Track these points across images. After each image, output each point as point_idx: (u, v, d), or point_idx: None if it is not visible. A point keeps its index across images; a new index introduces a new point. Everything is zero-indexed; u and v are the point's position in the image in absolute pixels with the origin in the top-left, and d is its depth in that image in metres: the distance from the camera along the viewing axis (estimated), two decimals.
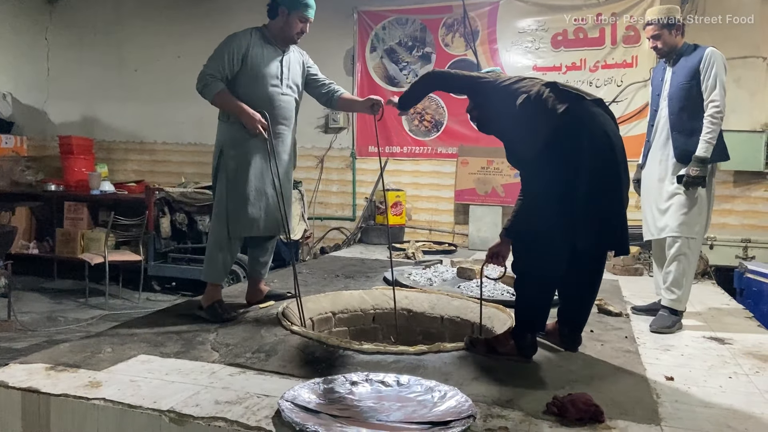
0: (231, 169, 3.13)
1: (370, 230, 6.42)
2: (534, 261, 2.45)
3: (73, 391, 2.11)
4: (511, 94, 2.52)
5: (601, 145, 2.39)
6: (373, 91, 6.83)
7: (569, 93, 2.44)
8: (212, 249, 3.20)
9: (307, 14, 3.19)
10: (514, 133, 2.53)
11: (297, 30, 3.22)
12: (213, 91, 3.11)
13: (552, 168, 2.39)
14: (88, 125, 8.02)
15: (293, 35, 3.23)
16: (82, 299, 6.17)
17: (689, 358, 2.73)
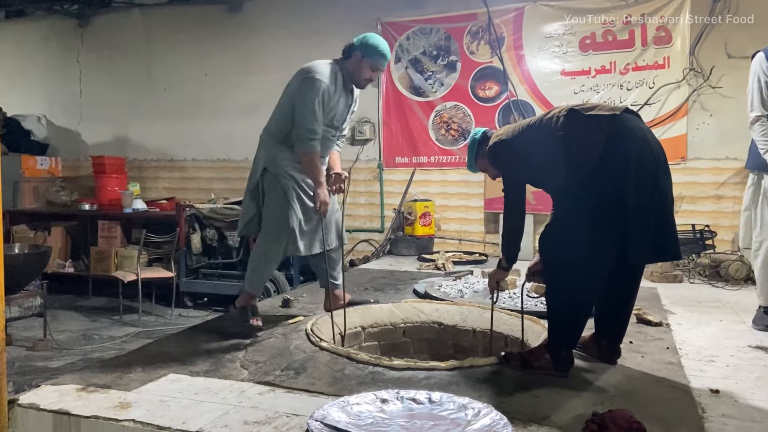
0: (289, 189, 3.15)
1: (399, 241, 6.36)
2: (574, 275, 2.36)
3: (104, 412, 2.11)
4: (546, 125, 2.50)
5: (644, 153, 2.31)
6: (398, 101, 6.81)
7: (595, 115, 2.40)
8: (260, 262, 3.22)
9: (380, 65, 3.23)
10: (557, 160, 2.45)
11: (366, 76, 3.25)
12: (310, 151, 3.12)
13: (599, 183, 2.33)
14: (119, 145, 8.18)
15: (361, 81, 3.27)
16: (116, 317, 6.25)
17: (735, 369, 2.60)
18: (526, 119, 2.71)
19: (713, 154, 5.79)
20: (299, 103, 3.08)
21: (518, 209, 2.67)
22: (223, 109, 7.65)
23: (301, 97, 3.07)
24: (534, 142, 2.54)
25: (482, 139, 2.85)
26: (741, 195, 5.69)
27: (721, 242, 5.52)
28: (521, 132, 2.61)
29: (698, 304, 3.96)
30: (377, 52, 3.17)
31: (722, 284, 4.63)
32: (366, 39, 3.19)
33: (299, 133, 3.10)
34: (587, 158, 2.33)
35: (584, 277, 2.36)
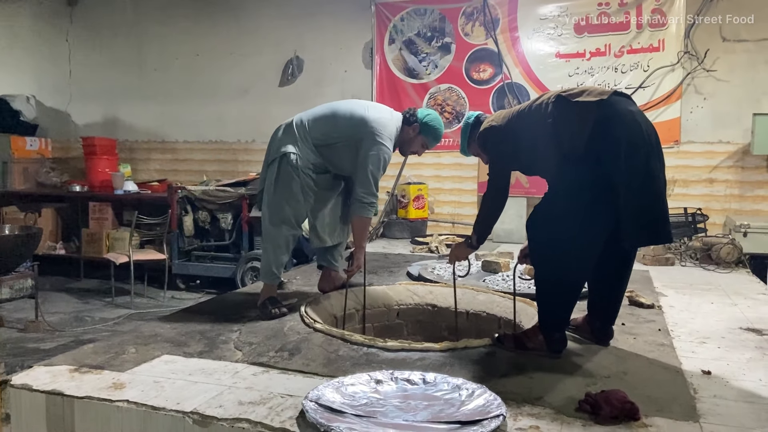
0: (307, 186, 3.13)
1: (392, 224, 6.36)
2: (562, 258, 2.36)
3: (97, 393, 2.09)
4: (535, 112, 2.50)
5: (633, 136, 2.29)
6: (392, 83, 6.77)
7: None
8: (274, 251, 3.17)
9: (430, 145, 3.33)
10: (549, 144, 2.43)
11: (413, 149, 3.33)
12: (368, 216, 3.19)
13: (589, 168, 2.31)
14: (110, 126, 8.10)
15: (407, 151, 3.34)
16: (109, 298, 6.23)
17: (726, 350, 2.62)
18: (517, 106, 2.68)
19: (706, 138, 5.80)
20: (365, 166, 3.07)
21: (501, 195, 2.70)
22: (215, 91, 7.58)
23: (372, 163, 3.06)
24: (523, 130, 2.54)
25: (475, 124, 2.83)
26: (733, 179, 5.76)
27: (713, 225, 5.56)
28: (511, 119, 2.60)
29: (690, 287, 3.98)
30: (435, 137, 3.29)
31: (713, 267, 4.66)
32: (431, 119, 3.25)
33: (361, 198, 3.10)
34: (576, 145, 2.32)
35: (572, 260, 2.35)
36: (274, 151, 3.17)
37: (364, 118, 3.09)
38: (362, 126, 3.08)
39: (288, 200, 3.10)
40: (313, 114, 3.21)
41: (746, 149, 5.67)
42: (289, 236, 3.16)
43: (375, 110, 3.17)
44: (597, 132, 2.28)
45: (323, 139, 3.14)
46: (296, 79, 7.23)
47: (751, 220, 5.24)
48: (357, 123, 3.09)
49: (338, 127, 3.13)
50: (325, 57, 7.08)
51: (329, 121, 3.16)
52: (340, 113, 3.16)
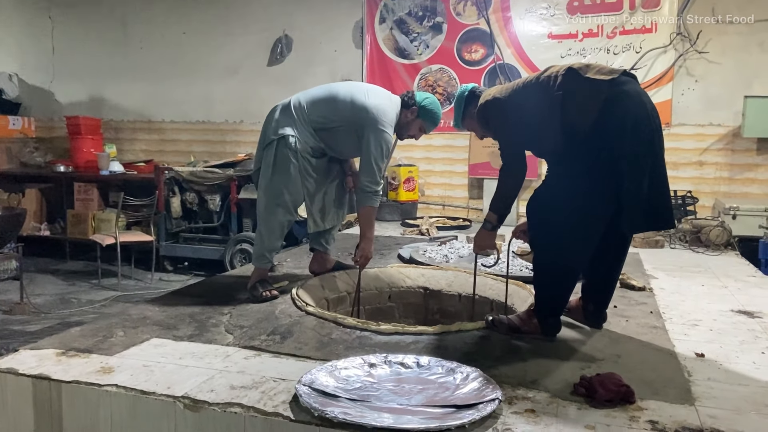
0: (305, 170, 3.07)
1: (382, 207, 6.30)
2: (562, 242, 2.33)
3: (85, 377, 2.05)
4: (543, 85, 2.40)
5: (640, 118, 2.25)
6: (383, 63, 6.68)
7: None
8: (269, 236, 3.12)
9: (428, 129, 3.29)
10: (555, 118, 2.35)
11: (411, 133, 3.27)
12: (374, 205, 3.11)
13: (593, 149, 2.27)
14: (95, 105, 7.94)
15: (404, 134, 3.29)
16: (95, 280, 6.16)
17: (719, 333, 2.63)
18: (521, 78, 2.59)
19: (697, 120, 5.80)
20: (368, 155, 3.02)
21: (515, 169, 2.54)
22: (202, 70, 7.45)
23: (375, 151, 3.01)
24: (529, 102, 2.44)
25: (470, 96, 2.73)
26: (723, 161, 5.77)
27: (702, 208, 5.58)
28: (515, 91, 2.50)
29: (680, 269, 3.99)
30: (434, 120, 3.24)
31: (703, 250, 4.68)
32: (429, 103, 3.20)
33: (365, 187, 3.04)
34: (581, 123, 2.27)
35: (572, 244, 2.32)
36: (272, 133, 3.09)
37: (366, 105, 3.02)
38: (363, 113, 3.01)
39: (286, 185, 3.04)
40: (311, 96, 3.13)
41: (737, 132, 5.67)
42: (285, 221, 3.10)
43: (375, 96, 3.09)
44: (605, 111, 2.23)
45: (322, 123, 3.07)
46: (285, 58, 7.12)
47: (740, 202, 5.26)
48: (358, 109, 3.02)
49: (338, 111, 3.06)
50: (314, 36, 6.97)
51: (329, 105, 3.09)
52: (341, 97, 3.08)
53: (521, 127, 2.48)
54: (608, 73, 2.30)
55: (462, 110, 2.77)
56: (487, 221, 2.67)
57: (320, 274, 3.40)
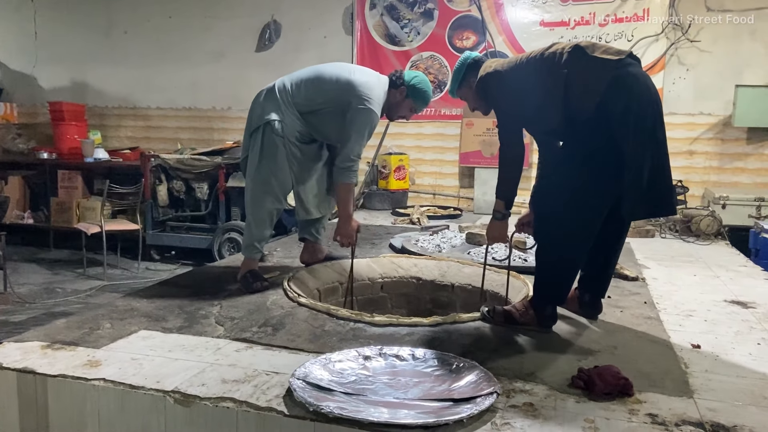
0: (293, 156, 3.00)
1: (373, 196, 6.26)
2: (564, 233, 2.29)
3: (71, 371, 2.00)
4: (548, 61, 2.33)
5: (644, 102, 2.21)
6: (373, 50, 6.60)
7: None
8: (257, 225, 3.05)
9: (419, 109, 3.19)
10: (554, 99, 2.30)
11: (401, 114, 3.17)
12: (352, 181, 3.01)
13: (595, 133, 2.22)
14: (78, 90, 7.79)
15: (395, 116, 3.19)
16: (80, 270, 6.06)
17: (713, 324, 2.62)
18: (524, 53, 2.49)
19: (688, 110, 5.79)
20: (350, 131, 2.92)
21: (515, 150, 2.47)
22: (189, 55, 7.32)
23: (357, 127, 2.92)
24: (532, 78, 2.36)
25: (472, 65, 2.61)
26: (713, 151, 5.78)
27: (693, 198, 5.59)
28: (518, 66, 2.43)
29: (671, 259, 3.99)
30: (424, 99, 3.14)
31: (693, 239, 4.68)
32: (418, 81, 3.09)
33: (343, 162, 2.94)
34: (585, 104, 2.22)
35: (575, 233, 2.29)
36: (257, 119, 3.00)
37: (351, 82, 2.93)
38: (349, 90, 2.93)
39: (274, 172, 2.97)
40: (296, 77, 3.05)
41: (727, 121, 5.68)
42: (273, 210, 3.04)
43: (361, 73, 3.02)
44: (610, 92, 2.18)
45: (308, 105, 2.99)
46: (273, 44, 7.01)
47: (729, 192, 5.27)
48: (343, 87, 2.94)
49: (323, 91, 2.98)
50: (303, 21, 6.86)
51: (314, 85, 3.00)
52: (326, 77, 3.00)
53: (522, 104, 2.41)
54: (615, 53, 2.25)
55: (461, 78, 2.65)
56: (496, 211, 2.58)
57: (312, 264, 3.35)
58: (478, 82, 2.54)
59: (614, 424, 1.69)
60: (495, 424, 1.68)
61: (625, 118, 2.18)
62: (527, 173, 2.75)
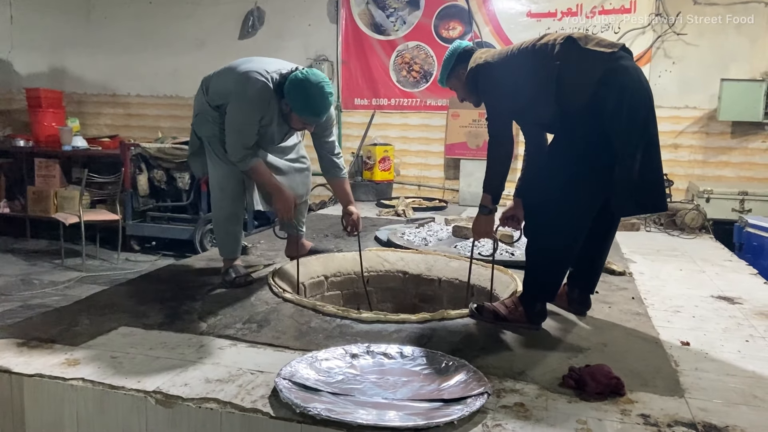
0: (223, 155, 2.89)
1: (357, 186, 6.19)
2: (554, 227, 2.26)
3: (49, 370, 1.93)
4: (540, 52, 2.28)
5: (636, 96, 2.18)
6: (358, 39, 6.51)
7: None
8: (225, 225, 2.97)
9: (311, 122, 2.77)
10: (547, 92, 2.26)
11: (298, 127, 2.87)
12: (245, 169, 2.80)
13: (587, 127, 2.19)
14: (56, 77, 7.59)
15: (294, 127, 2.87)
16: (58, 260, 5.94)
17: (701, 320, 2.61)
18: (515, 44, 2.43)
19: (673, 103, 5.79)
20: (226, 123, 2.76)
21: (504, 143, 2.42)
22: (170, 42, 7.17)
23: (227, 126, 2.75)
24: (523, 70, 2.31)
25: (462, 55, 2.54)
26: (698, 144, 5.80)
27: (677, 191, 5.61)
28: (509, 57, 2.37)
29: (657, 253, 3.99)
30: (306, 111, 2.66)
31: (678, 233, 4.69)
32: (296, 90, 2.60)
33: (230, 152, 2.77)
34: (578, 96, 2.18)
35: (567, 230, 2.26)
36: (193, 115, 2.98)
37: (234, 75, 2.72)
38: (230, 85, 2.73)
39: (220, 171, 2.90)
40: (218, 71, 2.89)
41: (712, 115, 5.69)
42: (235, 209, 2.97)
43: (250, 64, 2.75)
44: (603, 85, 2.14)
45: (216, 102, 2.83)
46: (257, 32, 6.89)
47: (713, 185, 5.29)
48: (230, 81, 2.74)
49: (220, 89, 2.80)
50: (287, 9, 6.74)
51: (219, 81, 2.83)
52: (227, 70, 2.82)
53: (513, 96, 2.36)
54: (608, 45, 2.21)
55: (450, 68, 2.58)
56: (483, 205, 2.51)
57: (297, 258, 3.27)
58: (469, 74, 2.49)
59: (607, 425, 1.66)
60: (486, 426, 1.64)
61: (617, 112, 2.14)
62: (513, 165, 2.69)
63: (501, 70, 2.38)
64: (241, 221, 3.06)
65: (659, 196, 2.26)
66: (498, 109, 2.43)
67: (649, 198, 2.24)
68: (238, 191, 2.94)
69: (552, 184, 2.27)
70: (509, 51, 2.41)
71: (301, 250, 3.21)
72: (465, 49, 2.57)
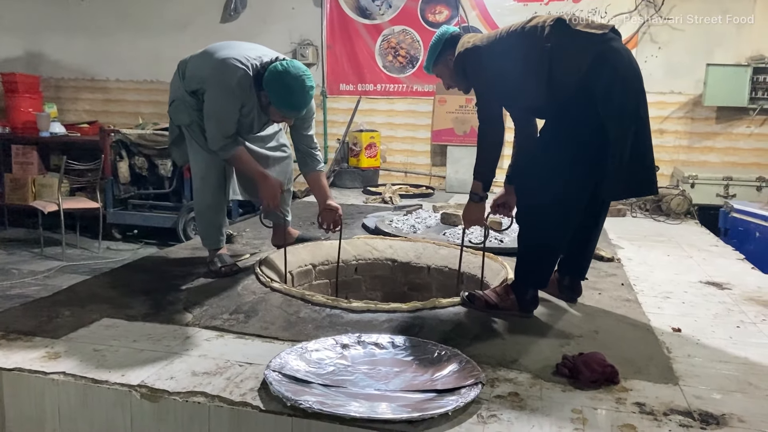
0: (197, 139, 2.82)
1: (343, 173, 6.13)
2: (547, 214, 2.23)
3: (29, 364, 1.86)
4: (529, 35, 2.24)
5: (627, 78, 2.14)
6: (343, 23, 6.41)
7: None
8: (208, 215, 2.90)
9: (291, 116, 2.69)
10: (538, 75, 2.21)
11: (277, 119, 2.78)
12: (226, 157, 2.73)
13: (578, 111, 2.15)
14: (33, 61, 7.41)
15: (272, 119, 2.80)
16: (37, 249, 5.82)
17: (691, 306, 2.60)
18: (504, 27, 2.38)
19: (659, 88, 5.79)
20: (204, 111, 2.67)
21: (494, 129, 2.37)
22: (150, 25, 7.01)
23: (207, 108, 2.65)
24: (513, 53, 2.26)
25: (450, 41, 2.48)
26: (683, 130, 5.81)
27: (662, 177, 5.62)
28: (498, 41, 2.32)
29: (644, 239, 3.99)
30: (285, 105, 2.57)
31: (663, 218, 4.71)
32: (276, 82, 2.51)
33: (209, 144, 2.70)
34: (569, 79, 2.14)
35: (559, 216, 2.23)
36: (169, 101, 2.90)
37: (212, 61, 2.64)
38: (207, 71, 2.65)
39: (201, 159, 2.83)
40: (196, 54, 2.81)
41: (697, 100, 5.70)
42: (217, 197, 2.90)
43: (229, 50, 2.66)
44: (595, 68, 2.11)
45: (193, 88, 2.75)
46: (239, 15, 6.75)
47: (698, 171, 5.31)
48: (207, 67, 2.66)
49: (197, 73, 2.72)
50: None
51: (195, 65, 2.75)
52: (203, 54, 2.74)
53: (503, 80, 2.31)
54: (598, 27, 2.17)
55: (437, 54, 2.52)
56: (473, 193, 2.47)
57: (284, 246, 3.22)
58: (457, 59, 2.44)
59: (602, 414, 1.64)
60: (481, 417, 1.61)
61: (608, 95, 2.11)
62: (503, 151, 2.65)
63: (490, 53, 2.33)
64: (225, 210, 2.99)
65: (649, 180, 2.24)
66: (488, 94, 2.38)
67: (639, 182, 2.22)
68: (220, 180, 2.87)
69: (543, 170, 2.24)
70: (498, 34, 2.37)
71: (288, 239, 3.15)
72: (452, 34, 2.52)
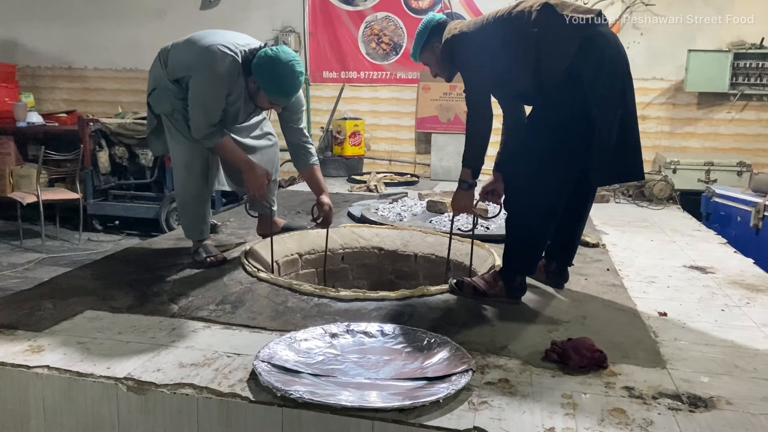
0: (178, 128, 2.76)
1: (327, 162, 6.09)
2: (535, 200, 2.23)
3: (11, 358, 1.82)
4: (516, 20, 2.22)
5: (614, 64, 2.14)
6: (326, 10, 6.34)
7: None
8: (193, 206, 2.84)
9: (280, 103, 2.64)
10: (526, 61, 2.21)
11: (265, 107, 2.72)
12: (210, 146, 2.67)
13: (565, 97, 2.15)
14: (8, 49, 7.25)
15: (260, 106, 2.73)
16: (16, 242, 5.72)
17: (676, 290, 2.63)
18: (490, 13, 2.36)
19: (641, 74, 5.80)
20: (189, 99, 2.61)
21: (483, 116, 2.35)
22: (128, 12, 6.88)
23: (192, 95, 2.59)
24: (501, 38, 2.25)
25: (436, 28, 2.46)
26: (665, 116, 5.85)
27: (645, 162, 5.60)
28: (484, 26, 2.31)
29: (627, 224, 4.03)
30: (275, 90, 2.54)
31: (646, 204, 4.75)
32: (265, 67, 2.47)
33: (194, 128, 2.63)
34: (557, 64, 2.14)
35: (546, 202, 2.24)
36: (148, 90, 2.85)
37: (198, 48, 2.58)
38: (192, 57, 2.59)
39: (182, 148, 2.77)
40: (177, 42, 2.74)
41: (679, 86, 5.74)
42: (200, 189, 2.84)
43: (216, 37, 2.61)
44: (582, 52, 2.10)
45: (177, 77, 2.70)
46: (219, 1, 6.65)
47: (680, 156, 5.36)
48: (191, 53, 2.60)
49: (179, 61, 2.68)
50: None
51: (178, 54, 2.69)
52: (186, 43, 2.68)
53: (491, 65, 2.30)
54: (585, 12, 2.17)
55: (423, 41, 2.49)
56: (462, 180, 2.45)
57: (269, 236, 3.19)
58: (444, 45, 2.42)
59: (592, 398, 1.65)
60: (472, 404, 1.61)
61: (595, 80, 2.11)
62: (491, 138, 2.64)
63: (477, 39, 2.32)
64: (209, 201, 2.94)
65: (636, 165, 2.25)
66: (476, 80, 2.37)
67: (626, 167, 2.23)
68: (204, 169, 2.82)
69: (531, 157, 2.24)
70: (485, 20, 2.35)
71: (274, 228, 3.12)
72: (439, 21, 2.49)
